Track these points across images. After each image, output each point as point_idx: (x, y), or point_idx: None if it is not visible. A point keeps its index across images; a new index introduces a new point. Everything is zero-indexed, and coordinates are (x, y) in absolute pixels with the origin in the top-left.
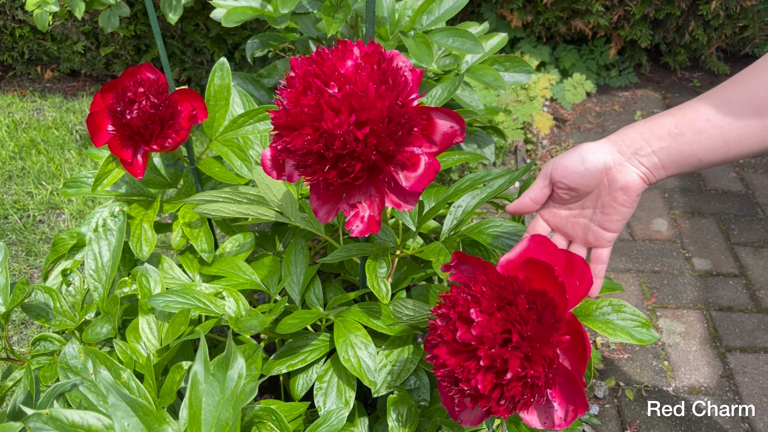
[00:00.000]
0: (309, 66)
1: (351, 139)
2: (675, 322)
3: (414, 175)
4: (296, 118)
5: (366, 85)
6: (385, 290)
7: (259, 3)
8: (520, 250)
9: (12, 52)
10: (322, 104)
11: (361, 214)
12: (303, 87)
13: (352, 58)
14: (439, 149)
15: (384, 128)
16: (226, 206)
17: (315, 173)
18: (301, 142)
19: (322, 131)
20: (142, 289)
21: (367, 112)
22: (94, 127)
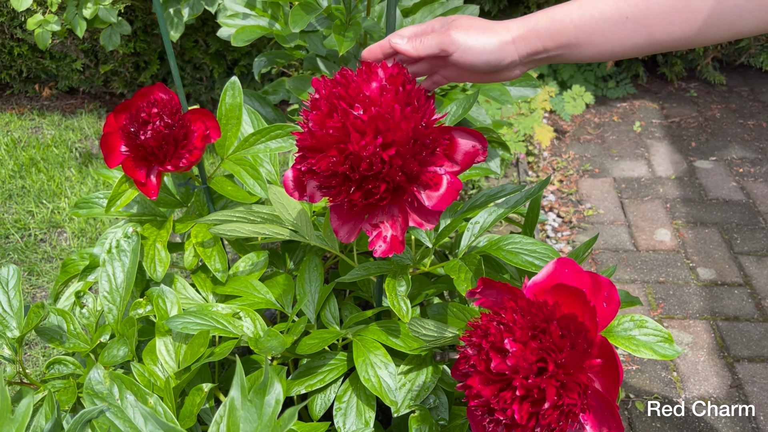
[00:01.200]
0: (334, 88)
1: (377, 160)
2: (682, 333)
3: (436, 194)
4: (322, 140)
5: (391, 106)
6: (405, 309)
7: (267, 22)
8: (546, 273)
9: (10, 71)
10: (348, 126)
11: (384, 234)
12: (328, 109)
13: (377, 80)
14: (461, 168)
15: (409, 149)
16: (242, 226)
17: (339, 194)
18: (327, 164)
19: (347, 153)
20: (158, 310)
21: (392, 134)
22: (108, 148)
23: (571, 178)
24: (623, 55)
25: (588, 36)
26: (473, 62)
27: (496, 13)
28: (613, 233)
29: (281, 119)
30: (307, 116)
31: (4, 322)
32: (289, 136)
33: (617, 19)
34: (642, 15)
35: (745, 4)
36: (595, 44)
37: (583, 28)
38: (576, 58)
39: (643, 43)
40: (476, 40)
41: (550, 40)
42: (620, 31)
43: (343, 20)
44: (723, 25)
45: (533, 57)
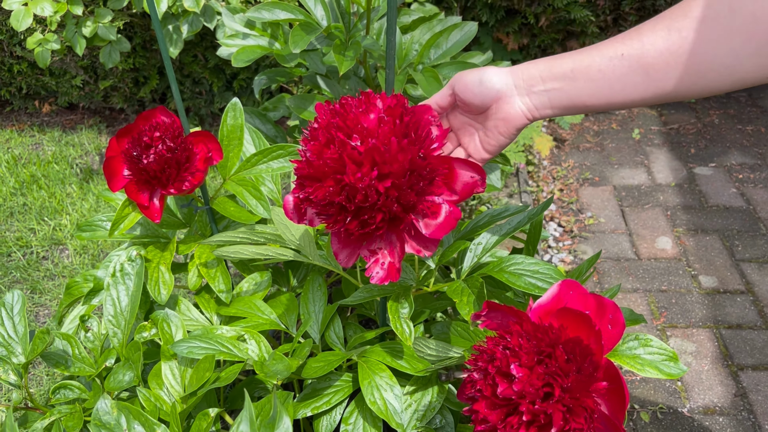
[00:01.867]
0: (332, 118)
1: (372, 192)
2: (686, 342)
3: (435, 222)
4: (319, 169)
5: (388, 138)
6: (408, 331)
7: (267, 41)
8: (551, 296)
9: (10, 87)
10: (345, 157)
11: (381, 261)
12: (326, 139)
13: (376, 111)
14: (460, 198)
15: (405, 181)
16: (245, 248)
17: (336, 223)
18: (323, 194)
19: (344, 184)
20: (164, 334)
21: (389, 166)
22: (110, 172)
23: (572, 186)
24: (625, 98)
25: (584, 70)
26: (468, 82)
27: (494, 23)
28: (615, 242)
29: (282, 136)
30: (306, 146)
31: (10, 348)
32: (291, 156)
33: (612, 55)
34: (637, 53)
35: (742, 48)
36: (592, 79)
37: (580, 62)
38: (577, 98)
39: (641, 82)
40: (472, 70)
41: (547, 71)
42: (616, 66)
43: (342, 39)
44: (721, 69)
45: (531, 88)
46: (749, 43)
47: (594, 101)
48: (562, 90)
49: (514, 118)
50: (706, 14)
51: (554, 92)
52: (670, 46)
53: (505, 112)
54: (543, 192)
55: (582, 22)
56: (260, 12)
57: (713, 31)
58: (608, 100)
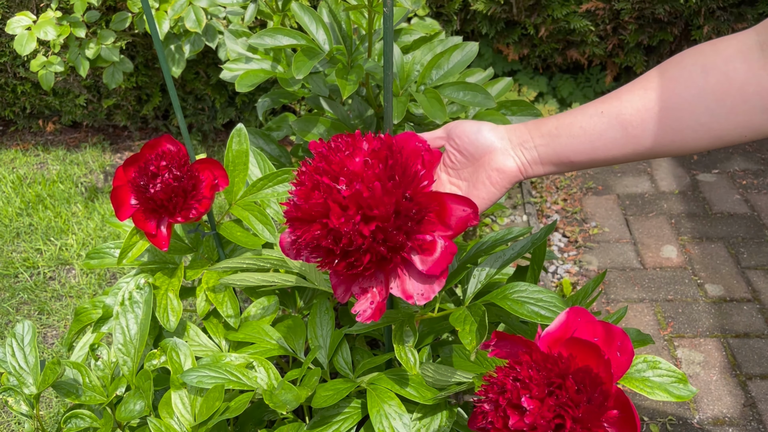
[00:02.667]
0: (319, 162)
1: (357, 236)
2: (693, 352)
3: (431, 259)
4: (306, 213)
5: (373, 183)
6: (413, 360)
7: (270, 65)
8: (559, 323)
9: (14, 108)
10: (329, 202)
11: (371, 300)
12: (312, 184)
13: (361, 155)
14: (455, 232)
15: (391, 223)
16: (251, 275)
17: (326, 264)
18: (311, 237)
19: (329, 228)
20: (173, 363)
21: (374, 209)
22: (118, 202)
23: (575, 196)
24: (606, 154)
25: (567, 128)
26: (465, 129)
27: (494, 35)
28: (620, 251)
29: (285, 156)
30: (294, 191)
31: (21, 379)
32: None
33: (592, 112)
34: (614, 110)
35: (717, 106)
36: (574, 136)
37: (563, 120)
38: (562, 154)
39: (619, 138)
40: (471, 121)
41: (535, 130)
42: (596, 123)
43: (345, 63)
44: (698, 127)
45: (523, 144)
46: (723, 102)
47: (578, 157)
48: (548, 146)
49: (509, 169)
50: (681, 74)
51: (542, 148)
52: (646, 104)
53: (501, 163)
54: (546, 202)
55: (582, 31)
56: (263, 38)
57: (687, 90)
58: (590, 156)
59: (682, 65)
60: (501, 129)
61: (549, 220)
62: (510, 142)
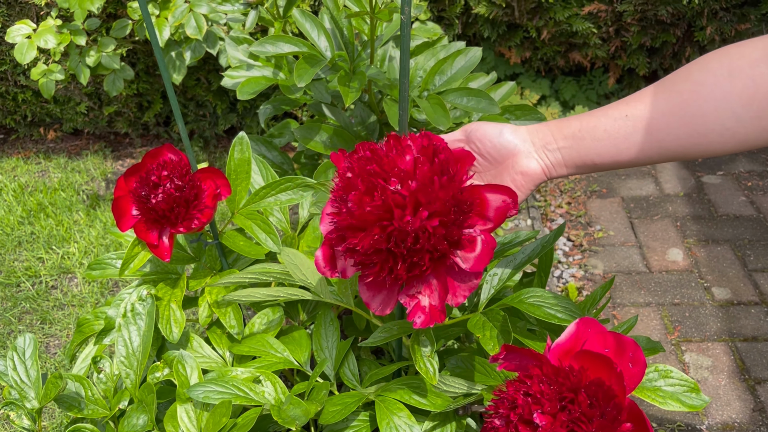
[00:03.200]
0: (368, 165)
1: (423, 233)
2: (701, 356)
3: (473, 255)
4: (362, 218)
5: (430, 178)
6: (432, 370)
7: (271, 72)
8: (569, 334)
9: (15, 116)
10: (390, 203)
11: (423, 304)
12: (366, 187)
13: (410, 153)
14: (495, 225)
15: (451, 218)
16: (256, 290)
17: (382, 270)
18: (369, 242)
19: (391, 230)
20: (179, 377)
21: (433, 205)
22: (119, 212)
23: (579, 199)
24: (630, 157)
25: (590, 131)
26: (487, 132)
27: (496, 38)
28: (625, 255)
29: (288, 162)
30: (340, 195)
31: (23, 393)
32: (299, 188)
33: (617, 116)
34: (639, 113)
35: (743, 111)
36: (598, 139)
37: (587, 123)
38: (586, 157)
39: (644, 142)
40: (491, 123)
41: (558, 132)
42: (621, 127)
43: (347, 70)
44: (723, 131)
45: (546, 146)
46: (749, 106)
47: (602, 160)
48: (572, 148)
49: (533, 172)
50: (706, 78)
51: (565, 150)
52: (672, 108)
53: (525, 166)
54: (551, 206)
55: (584, 34)
56: (264, 46)
57: (713, 95)
58: (615, 159)
59: (707, 68)
60: (522, 130)
61: (553, 224)
62: (533, 145)
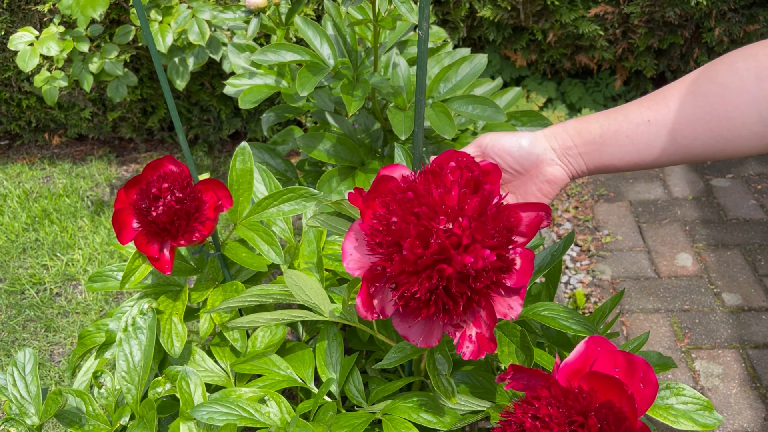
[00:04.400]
0: (415, 208)
1: (485, 272)
2: (712, 364)
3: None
4: (417, 264)
5: (481, 213)
6: (450, 389)
7: (274, 80)
8: (578, 353)
9: (19, 121)
10: (447, 245)
11: (469, 333)
12: (417, 232)
13: (456, 189)
14: (529, 238)
15: (505, 248)
16: (261, 316)
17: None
18: (428, 287)
19: (451, 272)
20: (182, 394)
21: (489, 240)
22: (120, 225)
23: (586, 203)
24: (653, 161)
25: (612, 136)
26: (506, 146)
27: (501, 41)
28: (633, 260)
29: (291, 170)
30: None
31: (23, 409)
32: (302, 198)
33: (639, 120)
34: (663, 118)
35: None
36: (620, 145)
37: (607, 128)
38: (608, 161)
39: (668, 147)
40: (506, 134)
41: (578, 136)
42: (643, 132)
43: (350, 78)
44: (750, 135)
45: (567, 152)
46: None
47: (624, 164)
48: (592, 154)
49: (559, 179)
50: (732, 80)
51: (586, 156)
52: (696, 112)
53: (551, 174)
54: (557, 210)
55: (591, 36)
56: (266, 54)
57: (740, 98)
58: (636, 163)
59: (733, 70)
60: (540, 138)
61: (560, 229)
62: (554, 151)
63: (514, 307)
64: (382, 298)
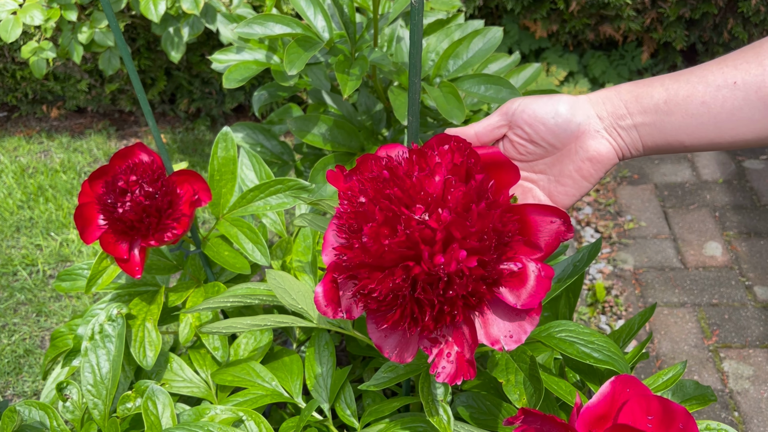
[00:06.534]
0: (387, 189)
1: (457, 277)
2: (742, 365)
3: (524, 289)
4: (380, 256)
5: (467, 206)
6: (446, 419)
7: (264, 55)
8: (602, 396)
9: (16, 93)
10: (417, 238)
11: (447, 351)
12: (385, 217)
13: (440, 173)
14: (545, 253)
15: (492, 254)
16: (240, 321)
17: (403, 319)
18: (390, 287)
19: (419, 272)
20: (147, 417)
21: (470, 240)
22: (83, 221)
23: (608, 186)
24: (735, 137)
25: (682, 102)
26: (538, 112)
27: (520, 10)
28: (658, 249)
29: (288, 153)
30: (350, 224)
31: None
32: (291, 191)
33: (721, 83)
34: (756, 81)
35: None
36: (692, 114)
37: (676, 92)
38: (672, 137)
39: (761, 119)
40: (540, 97)
41: (634, 102)
42: (726, 98)
43: (347, 53)
44: None
45: (618, 122)
46: None
47: (694, 141)
48: (653, 126)
49: (605, 157)
50: None
51: (644, 128)
52: None
53: (594, 151)
54: None
55: (617, 5)
56: (251, 27)
57: None
58: (712, 140)
59: None
60: (584, 102)
61: (580, 214)
62: (601, 121)
63: (515, 334)
64: (347, 295)
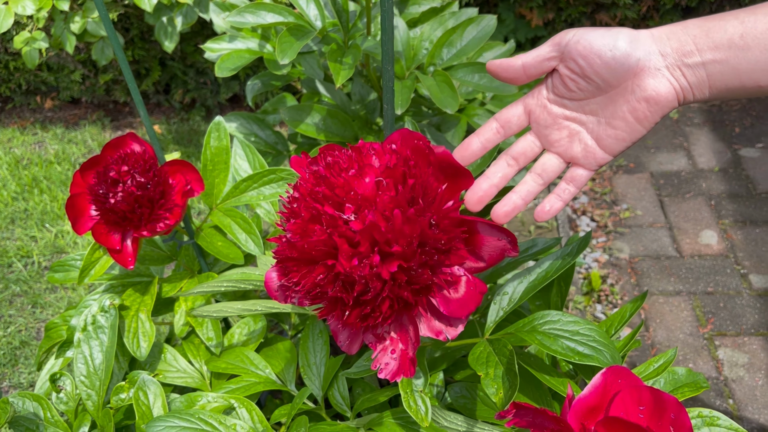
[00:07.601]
0: (317, 186)
1: (375, 280)
2: (737, 352)
3: (455, 297)
4: (305, 253)
5: (391, 210)
6: (423, 410)
7: (257, 43)
8: (594, 387)
9: (9, 84)
10: (336, 238)
11: (391, 348)
12: (310, 215)
13: (371, 173)
14: (487, 265)
15: (417, 260)
16: (231, 305)
17: (331, 313)
18: (312, 283)
19: (337, 272)
20: (139, 407)
21: (394, 244)
22: (75, 212)
23: (604, 174)
24: None
25: (761, 35)
26: (595, 45)
27: None
28: (654, 237)
29: (282, 143)
30: (287, 224)
31: None
32: (286, 180)
33: None
34: None
35: None
36: None
37: (754, 24)
38: (747, 76)
39: None
40: (598, 29)
41: (704, 37)
42: None
43: (340, 42)
44: None
45: (684, 59)
46: None
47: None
48: (726, 63)
49: (664, 98)
50: None
51: (715, 66)
52: None
53: (653, 90)
54: None
55: None
56: (243, 15)
57: None
58: None
59: None
60: (646, 37)
61: (575, 203)
62: (663, 57)
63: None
64: None
